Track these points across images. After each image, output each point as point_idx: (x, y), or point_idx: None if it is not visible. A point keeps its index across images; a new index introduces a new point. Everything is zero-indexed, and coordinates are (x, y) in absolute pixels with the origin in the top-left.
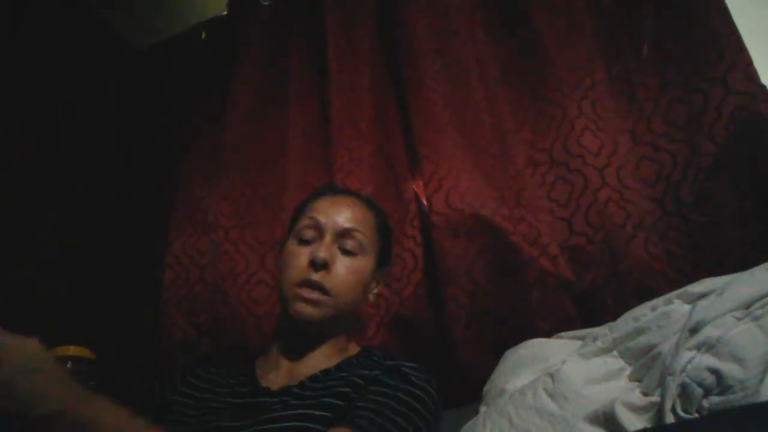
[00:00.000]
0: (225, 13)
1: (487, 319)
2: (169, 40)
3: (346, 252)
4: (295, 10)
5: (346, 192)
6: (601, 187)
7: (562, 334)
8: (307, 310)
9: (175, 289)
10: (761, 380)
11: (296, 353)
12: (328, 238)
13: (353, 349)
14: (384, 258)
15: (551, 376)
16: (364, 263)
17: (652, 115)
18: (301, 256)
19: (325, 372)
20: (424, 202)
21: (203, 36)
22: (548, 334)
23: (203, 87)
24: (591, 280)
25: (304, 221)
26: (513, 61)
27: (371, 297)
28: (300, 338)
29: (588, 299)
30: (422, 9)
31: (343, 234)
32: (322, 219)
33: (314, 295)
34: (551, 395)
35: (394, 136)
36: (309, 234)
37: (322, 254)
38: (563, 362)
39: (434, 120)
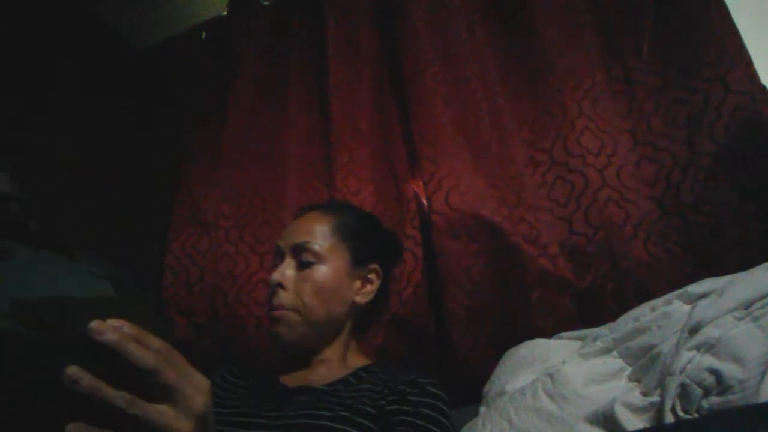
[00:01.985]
0: (225, 13)
1: (487, 319)
2: (169, 40)
3: (303, 265)
4: (295, 10)
5: (306, 208)
6: (601, 187)
7: (562, 334)
8: (281, 328)
9: (175, 289)
10: (761, 380)
11: (306, 366)
12: (287, 259)
13: (363, 360)
14: (363, 256)
15: (551, 376)
16: (324, 270)
17: (652, 115)
18: (270, 283)
19: (345, 382)
20: (424, 202)
21: (203, 36)
22: (548, 334)
23: (203, 87)
24: (591, 280)
25: (274, 250)
26: (513, 61)
27: (360, 298)
28: (296, 356)
29: (588, 299)
30: (422, 9)
31: (297, 249)
32: (280, 243)
33: (281, 312)
34: (551, 396)
35: (394, 136)
36: (276, 261)
37: (273, 277)
38: (563, 362)
39: (434, 120)
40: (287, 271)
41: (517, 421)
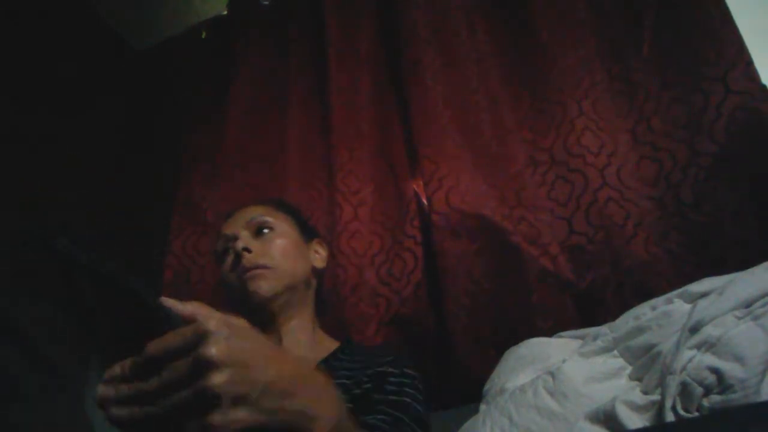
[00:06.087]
0: (225, 13)
1: (487, 319)
2: (169, 40)
3: (259, 233)
4: (295, 10)
5: (240, 206)
6: (601, 186)
7: (563, 333)
8: (259, 283)
9: (176, 289)
10: (762, 379)
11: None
12: (241, 233)
13: (331, 343)
14: (306, 229)
15: (552, 374)
16: (281, 231)
17: (652, 115)
18: (227, 263)
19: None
20: (425, 202)
21: (203, 36)
22: (548, 334)
23: (203, 87)
24: (591, 279)
25: (217, 243)
26: (513, 61)
27: (317, 263)
28: (268, 324)
29: (588, 299)
30: (422, 8)
31: (250, 223)
32: (227, 230)
33: (256, 271)
34: (551, 393)
35: (395, 135)
36: (224, 246)
37: (239, 244)
38: (563, 361)
39: (435, 120)
40: (251, 239)
41: (518, 419)
